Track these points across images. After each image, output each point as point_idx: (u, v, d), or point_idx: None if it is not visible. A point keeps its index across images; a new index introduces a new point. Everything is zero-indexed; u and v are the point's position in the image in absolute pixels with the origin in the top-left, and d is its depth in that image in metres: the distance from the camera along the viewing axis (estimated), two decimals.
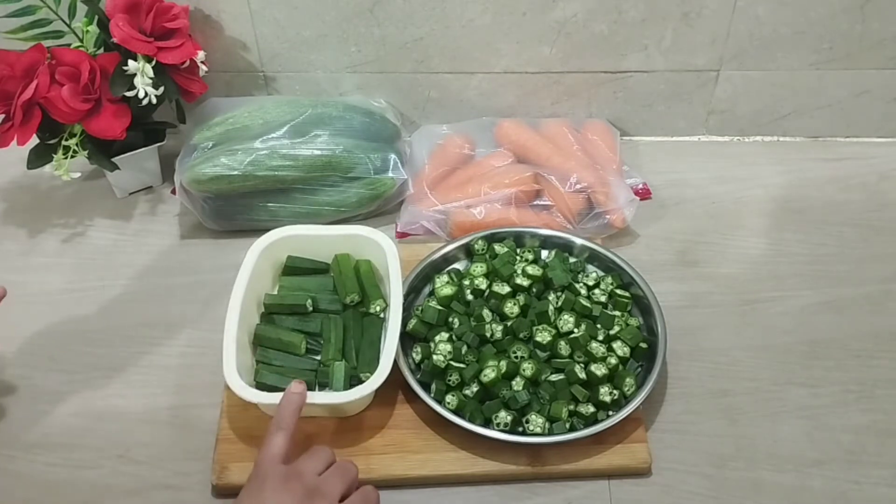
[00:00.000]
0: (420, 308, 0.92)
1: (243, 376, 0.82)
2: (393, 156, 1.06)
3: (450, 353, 0.88)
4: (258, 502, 0.67)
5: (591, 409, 0.85)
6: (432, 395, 0.86)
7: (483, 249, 0.98)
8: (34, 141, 1.01)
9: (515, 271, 0.94)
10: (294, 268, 0.96)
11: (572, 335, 0.89)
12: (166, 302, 0.99)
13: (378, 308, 0.92)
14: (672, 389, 0.90)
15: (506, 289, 0.92)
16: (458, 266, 0.99)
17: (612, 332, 0.90)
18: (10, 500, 0.82)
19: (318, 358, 0.90)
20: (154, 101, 1.00)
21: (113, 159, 1.04)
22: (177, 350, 0.94)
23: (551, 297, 0.93)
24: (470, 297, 0.93)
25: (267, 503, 0.66)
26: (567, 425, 0.84)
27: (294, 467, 0.70)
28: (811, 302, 0.99)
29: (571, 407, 0.85)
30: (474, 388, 0.86)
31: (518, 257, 0.97)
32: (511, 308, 0.91)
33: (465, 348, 0.89)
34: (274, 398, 0.81)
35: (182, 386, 0.91)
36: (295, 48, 1.10)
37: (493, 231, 0.99)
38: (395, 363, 0.84)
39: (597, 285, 0.95)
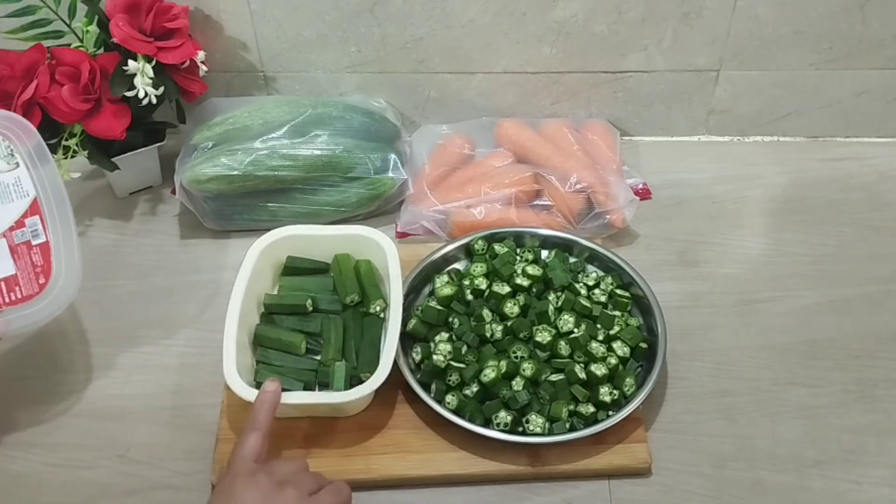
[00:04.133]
0: (420, 308, 0.92)
1: (243, 376, 0.82)
2: (393, 156, 1.06)
3: (450, 353, 0.88)
4: (228, 497, 0.67)
5: (591, 409, 0.85)
6: (432, 395, 0.86)
7: (483, 249, 0.98)
8: None
9: (515, 271, 0.94)
10: (294, 268, 0.96)
11: (572, 335, 0.89)
12: (166, 302, 0.99)
13: (378, 308, 0.92)
14: (672, 389, 0.90)
15: (506, 289, 0.92)
16: (458, 266, 0.99)
17: (612, 332, 0.90)
18: (10, 500, 0.82)
19: (318, 358, 0.90)
20: (154, 101, 1.00)
21: (113, 159, 1.04)
22: (177, 350, 0.94)
23: (551, 297, 0.93)
24: (470, 297, 0.93)
25: (236, 497, 0.67)
26: (567, 425, 0.84)
27: (265, 466, 0.70)
28: (811, 302, 0.99)
29: (571, 407, 0.85)
30: (474, 388, 0.86)
31: (518, 257, 0.97)
32: (511, 308, 0.91)
33: (465, 348, 0.89)
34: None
35: (182, 386, 0.91)
36: (295, 48, 1.10)
37: (493, 231, 0.99)
38: (395, 363, 0.84)
39: (597, 285, 0.95)
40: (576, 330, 0.90)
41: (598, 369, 0.86)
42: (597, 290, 0.94)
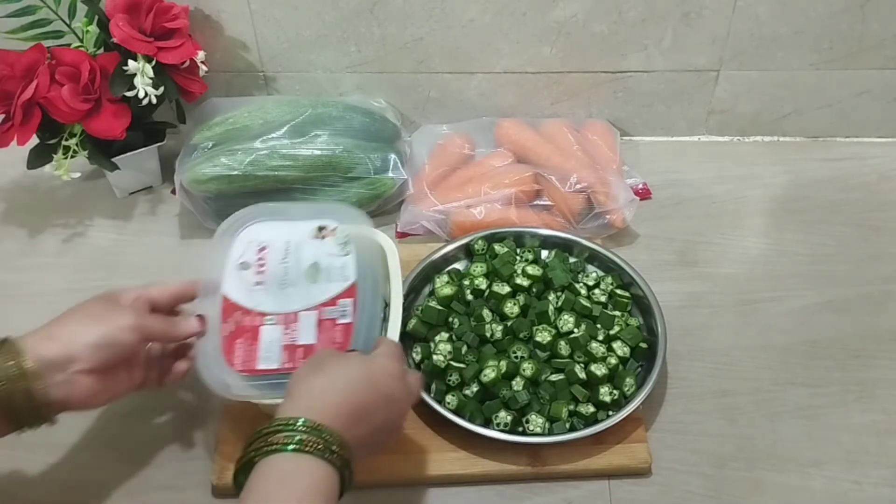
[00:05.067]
0: (420, 308, 0.92)
1: None
2: (393, 156, 1.06)
3: (450, 353, 0.88)
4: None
5: (591, 409, 0.85)
6: (432, 395, 0.86)
7: (483, 249, 0.98)
8: (34, 141, 1.01)
9: (515, 271, 0.94)
10: None
11: (572, 335, 0.89)
12: None
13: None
14: (672, 389, 0.90)
15: (506, 289, 0.92)
16: (458, 266, 0.99)
17: (612, 332, 0.90)
18: (11, 500, 0.82)
19: None
20: (154, 101, 1.00)
21: (113, 159, 1.04)
22: None
23: (551, 297, 0.93)
24: (470, 297, 0.93)
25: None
26: (567, 425, 0.84)
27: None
28: (811, 302, 0.99)
29: (571, 407, 0.85)
30: (474, 388, 0.86)
31: (518, 257, 0.97)
32: (511, 308, 0.91)
33: (465, 348, 0.89)
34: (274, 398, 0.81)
35: (182, 386, 0.91)
36: (295, 48, 1.10)
37: (493, 231, 0.99)
38: None
39: (597, 285, 0.95)
40: (576, 330, 0.90)
41: (598, 369, 0.86)
42: (597, 290, 0.94)
